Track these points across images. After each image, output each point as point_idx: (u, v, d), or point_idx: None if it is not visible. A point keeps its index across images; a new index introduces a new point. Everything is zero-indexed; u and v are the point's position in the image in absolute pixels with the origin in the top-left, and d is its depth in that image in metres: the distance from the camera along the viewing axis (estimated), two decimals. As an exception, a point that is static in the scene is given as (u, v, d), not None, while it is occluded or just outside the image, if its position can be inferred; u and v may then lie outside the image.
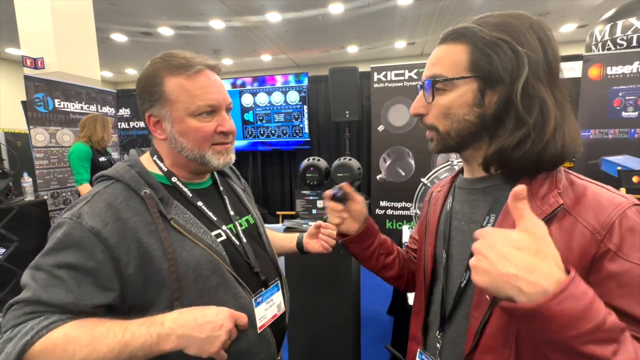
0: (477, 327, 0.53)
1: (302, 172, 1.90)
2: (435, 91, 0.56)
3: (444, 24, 6.57)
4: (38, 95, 2.87)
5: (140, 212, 0.62)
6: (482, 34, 0.52)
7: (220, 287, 0.66)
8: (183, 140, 0.68)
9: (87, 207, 0.60)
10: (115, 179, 0.65)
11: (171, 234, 0.63)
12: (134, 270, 0.59)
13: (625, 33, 3.22)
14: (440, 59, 0.57)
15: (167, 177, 0.71)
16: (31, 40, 3.23)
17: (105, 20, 5.95)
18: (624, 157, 3.07)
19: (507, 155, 0.52)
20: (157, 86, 0.66)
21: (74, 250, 0.57)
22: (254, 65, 9.65)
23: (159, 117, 0.68)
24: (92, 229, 0.58)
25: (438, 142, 0.59)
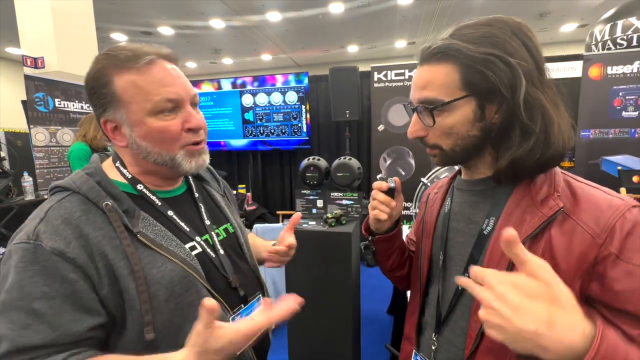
0: (478, 330, 0.53)
1: (302, 172, 1.90)
2: (434, 115, 0.55)
3: (444, 23, 6.56)
4: (38, 95, 2.87)
5: (102, 226, 0.55)
6: (469, 52, 0.50)
7: (194, 305, 0.57)
8: (147, 145, 0.60)
9: (43, 226, 0.52)
10: (71, 191, 0.58)
11: (139, 250, 0.56)
12: (106, 290, 0.53)
13: (625, 33, 3.22)
14: (429, 81, 0.55)
15: (132, 185, 0.63)
16: (31, 39, 3.23)
17: (106, 20, 5.95)
18: (624, 157, 3.07)
19: (520, 165, 0.52)
20: (106, 87, 0.58)
21: (41, 277, 0.50)
22: (254, 64, 9.64)
23: (116, 121, 0.60)
24: (54, 250, 0.51)
25: (443, 157, 0.59)
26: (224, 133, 4.34)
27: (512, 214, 0.53)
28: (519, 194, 0.54)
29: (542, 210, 0.50)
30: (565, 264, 0.47)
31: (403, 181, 2.95)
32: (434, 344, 0.63)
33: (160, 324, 0.56)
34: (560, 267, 0.47)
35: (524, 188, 0.54)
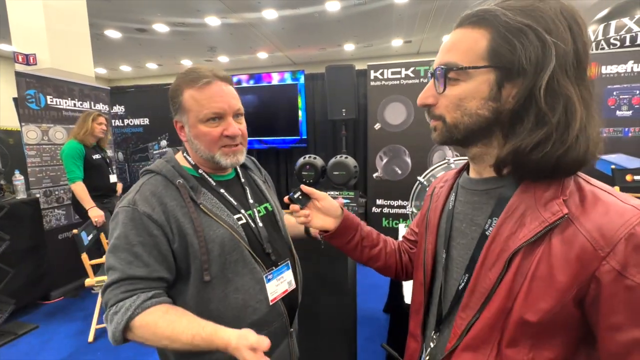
0: (464, 328, 0.53)
1: (298, 170, 1.89)
2: (447, 81, 0.51)
3: (440, 22, 6.57)
4: (30, 92, 2.82)
5: (176, 197, 0.76)
6: (505, 19, 0.46)
7: (239, 262, 0.79)
8: (197, 142, 0.81)
9: (138, 196, 0.75)
10: (155, 172, 0.80)
11: (200, 216, 0.77)
12: (177, 244, 0.74)
13: (618, 33, 3.24)
14: (455, 44, 0.51)
15: (195, 169, 0.85)
16: (23, 36, 3.18)
17: (99, 16, 5.88)
18: (617, 156, 3.10)
19: (523, 157, 0.47)
20: (178, 97, 0.80)
21: (138, 230, 0.72)
22: (250, 62, 9.60)
23: (181, 122, 0.82)
24: (145, 213, 0.73)
25: (442, 133, 0.55)
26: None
27: (513, 214, 0.50)
28: (522, 193, 0.50)
29: (544, 214, 0.46)
30: (562, 274, 0.44)
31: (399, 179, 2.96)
32: (433, 341, 0.62)
33: (214, 272, 0.76)
34: (557, 278, 0.44)
35: (527, 187, 0.50)
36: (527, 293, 0.46)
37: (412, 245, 0.84)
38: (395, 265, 0.83)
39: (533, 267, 0.46)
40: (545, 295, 0.45)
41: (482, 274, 0.51)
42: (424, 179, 1.86)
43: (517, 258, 0.48)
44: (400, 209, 3.57)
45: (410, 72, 3.42)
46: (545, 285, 0.45)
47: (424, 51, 8.71)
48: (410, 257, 0.84)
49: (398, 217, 3.58)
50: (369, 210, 3.64)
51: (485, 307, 0.50)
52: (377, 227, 3.35)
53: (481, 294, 0.51)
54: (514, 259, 0.48)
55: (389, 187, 3.56)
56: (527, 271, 0.46)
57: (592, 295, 0.43)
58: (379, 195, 3.61)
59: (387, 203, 3.61)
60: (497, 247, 0.50)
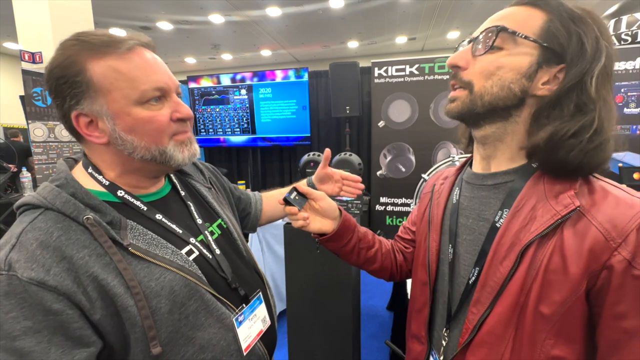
0: (475, 323, 0.53)
1: (302, 168, 1.89)
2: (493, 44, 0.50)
3: (445, 19, 6.52)
4: (36, 90, 2.85)
5: (86, 244, 0.50)
6: (569, 7, 0.48)
7: (199, 312, 0.57)
8: (133, 138, 0.54)
9: (16, 254, 0.46)
10: (43, 208, 0.51)
11: (132, 264, 0.52)
12: (101, 314, 0.49)
13: (630, 28, 3.19)
14: (509, 15, 0.51)
15: (111, 192, 0.57)
16: (29, 34, 3.21)
17: (104, 15, 5.91)
18: (625, 154, 3.06)
19: (559, 143, 0.47)
20: (79, 74, 0.51)
21: (20, 311, 0.44)
22: (254, 60, 9.59)
23: (92, 114, 0.53)
24: (32, 280, 0.45)
25: (464, 103, 0.53)
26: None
27: (524, 207, 0.50)
28: (532, 185, 0.51)
29: (555, 207, 0.47)
30: (575, 266, 0.45)
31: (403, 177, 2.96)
32: (444, 339, 0.61)
33: (166, 337, 0.53)
34: (569, 270, 0.45)
35: (538, 179, 0.51)
36: (541, 286, 0.47)
37: (407, 244, 0.82)
38: (390, 267, 0.81)
39: (546, 259, 0.47)
40: (559, 287, 0.46)
41: (492, 267, 0.51)
42: (428, 177, 1.85)
43: (529, 251, 0.48)
44: (404, 207, 3.56)
45: (415, 70, 3.40)
46: (559, 278, 0.46)
47: (428, 48, 8.64)
48: (405, 257, 0.82)
49: (402, 215, 3.57)
50: (373, 208, 3.63)
51: (497, 301, 0.50)
52: (381, 225, 3.34)
53: (492, 288, 0.51)
54: (526, 252, 0.48)
55: (392, 185, 3.54)
56: (540, 264, 0.47)
57: (600, 285, 0.44)
58: (383, 193, 3.60)
59: (391, 201, 3.60)
60: (508, 240, 0.50)
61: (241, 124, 4.25)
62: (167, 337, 0.53)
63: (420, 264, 0.70)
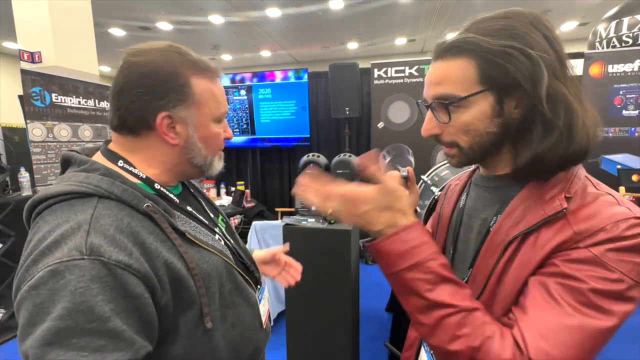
0: None
1: (301, 168, 1.89)
2: (449, 111, 0.53)
3: (444, 20, 6.53)
4: (35, 90, 2.84)
5: (151, 229, 0.53)
6: (487, 45, 0.49)
7: (233, 292, 0.64)
8: (202, 146, 0.62)
9: (97, 238, 0.46)
10: (97, 196, 0.51)
11: (188, 248, 0.57)
12: (167, 298, 0.52)
13: (631, 30, 3.21)
14: (444, 77, 0.53)
15: (149, 185, 0.60)
16: (28, 34, 3.20)
17: (104, 15, 5.90)
18: (623, 156, 3.07)
19: (541, 161, 0.50)
20: (186, 86, 0.58)
21: (105, 294, 0.45)
22: (254, 61, 9.60)
23: (179, 119, 0.59)
24: (119, 263, 0.46)
25: (461, 158, 0.57)
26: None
27: (516, 209, 0.53)
28: (528, 190, 0.53)
29: (545, 208, 0.50)
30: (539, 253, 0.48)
31: (403, 178, 2.83)
32: None
33: (213, 316, 0.58)
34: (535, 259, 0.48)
35: (534, 185, 0.53)
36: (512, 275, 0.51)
37: None
38: None
39: (522, 251, 0.50)
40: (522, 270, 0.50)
41: (482, 263, 0.55)
42: (428, 178, 1.85)
43: (512, 245, 0.51)
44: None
45: (414, 71, 3.40)
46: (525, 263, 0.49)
47: (428, 49, 8.66)
48: None
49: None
50: (372, 209, 3.63)
51: (482, 294, 0.54)
52: (380, 226, 3.34)
53: (481, 280, 0.55)
54: (509, 246, 0.52)
55: (392, 186, 3.55)
56: (518, 255, 0.51)
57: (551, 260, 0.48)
58: (382, 194, 3.60)
59: (390, 202, 3.60)
60: (498, 238, 0.54)
61: (240, 124, 4.25)
62: (212, 315, 0.58)
63: None
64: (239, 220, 3.66)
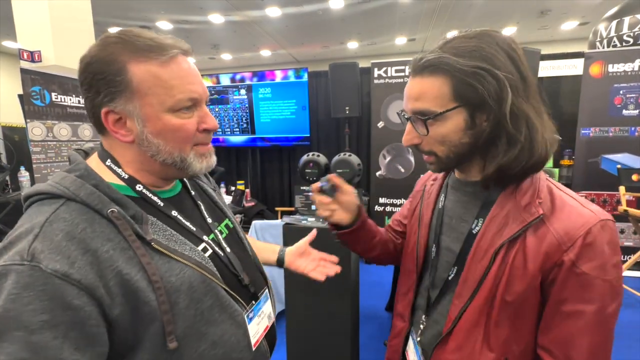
0: (458, 313, 0.62)
1: (301, 168, 1.89)
2: (427, 125, 0.60)
3: (445, 20, 6.53)
4: (34, 89, 2.84)
5: (111, 237, 0.49)
6: (459, 65, 0.54)
7: (214, 308, 0.58)
8: (159, 142, 0.55)
9: (40, 244, 0.45)
10: (65, 198, 0.50)
11: (154, 258, 0.52)
12: (120, 310, 0.48)
13: (632, 30, 3.20)
14: (422, 93, 0.59)
15: (130, 185, 0.57)
16: (28, 33, 3.20)
17: (103, 14, 5.89)
18: (623, 155, 3.07)
19: (505, 171, 0.57)
20: (120, 74, 0.51)
21: (39, 303, 0.42)
22: (254, 60, 9.59)
23: (122, 113, 0.53)
24: (56, 272, 0.43)
25: (438, 164, 0.64)
26: (223, 129, 4.31)
27: (498, 216, 0.60)
28: (504, 198, 0.60)
29: (523, 215, 0.57)
30: (533, 263, 0.55)
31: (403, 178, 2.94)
32: (422, 323, 0.72)
33: (182, 332, 0.54)
34: (528, 266, 0.55)
35: (509, 193, 0.60)
36: (507, 279, 0.57)
37: (398, 235, 0.91)
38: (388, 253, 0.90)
39: (511, 258, 0.57)
40: (520, 280, 0.56)
41: (472, 266, 0.61)
42: (428, 178, 1.86)
43: (501, 252, 0.58)
44: (403, 208, 3.56)
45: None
46: (520, 273, 0.56)
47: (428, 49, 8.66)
48: (395, 246, 0.91)
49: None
50: (372, 209, 3.63)
51: (475, 295, 0.60)
52: (380, 225, 3.33)
53: (472, 283, 0.61)
54: (498, 253, 0.58)
55: (391, 186, 3.55)
56: (508, 262, 0.57)
57: (551, 279, 0.55)
58: (382, 193, 3.60)
59: (390, 201, 3.60)
60: (485, 243, 0.60)
61: (240, 124, 4.25)
62: (183, 332, 0.54)
63: (409, 253, 0.80)
64: (239, 220, 3.66)
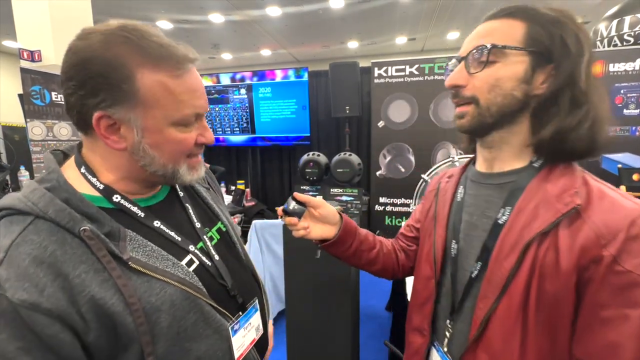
0: (482, 317, 0.54)
1: (301, 168, 1.89)
2: (488, 57, 0.53)
3: (445, 19, 6.52)
4: (35, 88, 2.84)
5: (83, 258, 0.46)
6: (544, 11, 0.52)
7: (198, 324, 0.55)
8: (154, 154, 0.52)
9: (5, 271, 0.42)
10: (33, 215, 0.46)
11: (132, 279, 0.48)
12: (95, 335, 0.46)
13: (633, 29, 3.19)
14: (491, 31, 0.54)
15: (106, 196, 0.52)
16: (28, 32, 3.20)
17: (103, 13, 5.89)
18: (624, 155, 3.06)
19: (564, 136, 0.51)
20: (127, 82, 0.47)
21: (11, 330, 0.41)
22: (254, 60, 9.58)
23: (119, 120, 0.49)
24: (24, 303, 0.41)
25: (473, 117, 0.55)
26: (223, 128, 4.31)
27: (527, 205, 0.53)
28: (535, 186, 0.54)
29: (557, 205, 0.50)
30: (566, 259, 0.48)
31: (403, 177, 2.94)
32: (448, 330, 0.63)
33: (163, 351, 0.51)
34: (561, 263, 0.48)
35: (540, 180, 0.54)
36: (539, 279, 0.50)
37: (411, 242, 0.84)
38: (392, 266, 0.82)
39: (542, 254, 0.50)
40: (552, 279, 0.49)
41: (497, 263, 0.54)
42: (428, 177, 1.85)
43: (531, 248, 0.51)
44: (403, 207, 3.56)
45: (415, 70, 3.39)
46: (551, 271, 0.49)
47: (428, 49, 8.64)
48: (408, 255, 0.83)
49: (401, 215, 3.57)
50: (372, 209, 3.63)
51: (502, 296, 0.53)
52: (380, 225, 3.34)
53: (497, 283, 0.53)
54: (528, 248, 0.51)
55: (392, 185, 3.54)
56: (538, 258, 0.50)
57: (587, 277, 0.48)
58: (382, 193, 3.60)
59: (390, 201, 3.59)
60: (512, 237, 0.53)
61: (240, 123, 4.24)
62: (165, 351, 0.51)
63: (424, 259, 0.72)
64: (239, 219, 3.66)
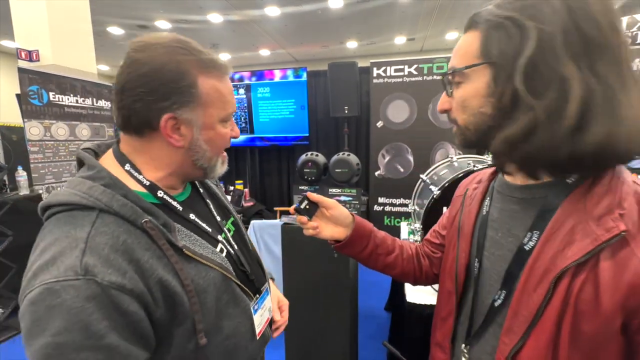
0: (507, 354, 0.48)
1: (300, 168, 1.89)
2: (453, 85, 0.53)
3: (444, 19, 6.52)
4: (32, 88, 2.82)
5: (147, 246, 0.52)
6: (489, 17, 0.46)
7: (230, 303, 0.63)
8: (207, 148, 0.61)
9: (91, 258, 0.47)
10: (97, 210, 0.51)
11: (185, 264, 0.56)
12: (161, 312, 0.53)
13: (630, 30, 3.20)
14: (457, 49, 0.52)
15: (152, 192, 0.59)
16: (26, 32, 3.18)
17: (102, 13, 5.87)
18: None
19: (514, 146, 0.45)
20: (194, 87, 0.56)
21: (100, 312, 0.46)
22: (253, 60, 9.58)
23: (184, 121, 0.56)
24: (112, 284, 0.46)
25: (459, 136, 0.55)
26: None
27: (560, 229, 0.45)
28: (570, 205, 0.45)
29: (597, 230, 0.41)
30: (609, 298, 0.40)
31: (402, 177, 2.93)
32: (464, 355, 0.59)
33: (205, 327, 0.58)
34: (602, 302, 0.40)
35: (578, 198, 0.45)
36: (573, 316, 0.42)
37: (436, 249, 0.78)
38: (413, 272, 0.79)
39: (576, 288, 0.42)
40: (589, 318, 0.41)
41: (525, 295, 0.47)
42: (427, 177, 1.85)
43: (564, 279, 0.43)
44: (402, 207, 3.56)
45: (414, 70, 3.40)
46: (589, 309, 0.41)
47: (427, 49, 8.65)
48: (432, 261, 0.79)
49: (400, 215, 3.57)
50: (371, 209, 3.63)
51: (531, 332, 0.46)
52: (379, 225, 3.34)
53: (525, 317, 0.46)
54: (561, 279, 0.43)
55: (391, 185, 3.54)
56: (572, 293, 0.42)
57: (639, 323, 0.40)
58: (381, 193, 3.60)
59: (389, 201, 3.60)
60: (542, 266, 0.46)
61: (239, 123, 4.24)
62: (207, 329, 0.58)
63: (447, 272, 0.67)
64: (237, 220, 3.66)
